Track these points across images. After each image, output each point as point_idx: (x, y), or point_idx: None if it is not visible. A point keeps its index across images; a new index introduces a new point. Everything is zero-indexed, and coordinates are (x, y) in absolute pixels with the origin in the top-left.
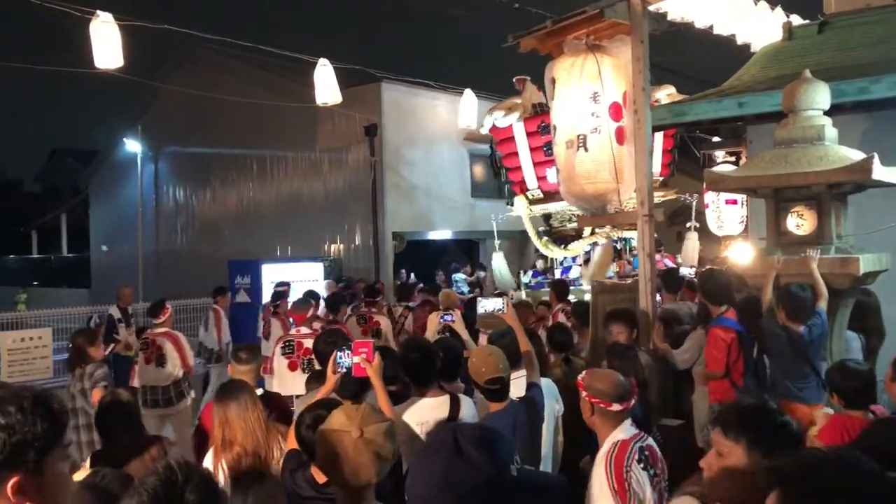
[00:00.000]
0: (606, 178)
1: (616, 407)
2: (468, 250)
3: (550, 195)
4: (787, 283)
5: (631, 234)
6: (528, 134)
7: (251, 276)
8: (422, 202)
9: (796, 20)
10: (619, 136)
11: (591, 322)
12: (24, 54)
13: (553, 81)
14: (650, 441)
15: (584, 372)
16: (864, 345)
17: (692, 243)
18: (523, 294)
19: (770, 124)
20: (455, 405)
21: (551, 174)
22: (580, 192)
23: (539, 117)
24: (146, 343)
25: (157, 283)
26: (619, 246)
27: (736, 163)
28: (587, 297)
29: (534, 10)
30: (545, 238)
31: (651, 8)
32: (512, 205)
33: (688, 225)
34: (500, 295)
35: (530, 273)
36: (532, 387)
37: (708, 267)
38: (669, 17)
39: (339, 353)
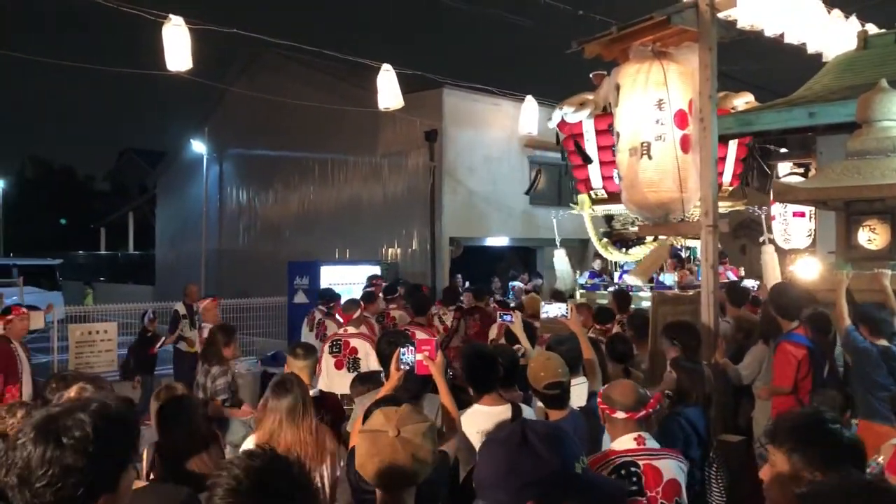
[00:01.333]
0: (670, 186)
1: (619, 415)
2: (525, 258)
3: (615, 196)
4: (861, 302)
5: (696, 243)
6: (598, 132)
7: (310, 278)
8: (480, 208)
9: (872, 29)
10: (685, 145)
11: (650, 333)
12: (96, 56)
13: (618, 88)
14: (661, 462)
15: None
16: None
17: (770, 257)
18: (578, 295)
19: (841, 135)
20: (517, 413)
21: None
22: (643, 201)
23: (611, 116)
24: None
25: (219, 281)
26: (683, 254)
27: (804, 175)
28: (644, 304)
29: (598, 16)
30: (605, 240)
31: (720, 15)
32: (576, 203)
33: (761, 239)
34: (559, 295)
35: (587, 274)
36: (594, 396)
37: (779, 281)
38: (739, 25)
39: (402, 350)
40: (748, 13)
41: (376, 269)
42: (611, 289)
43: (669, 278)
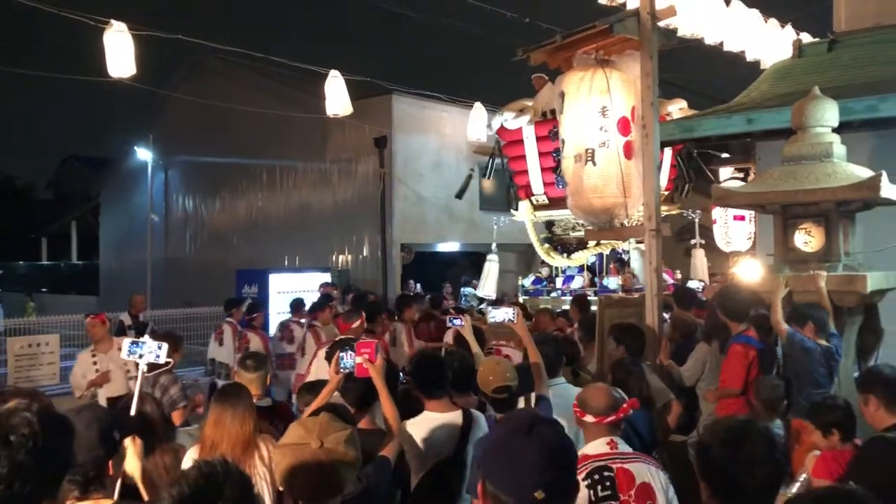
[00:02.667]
0: (614, 192)
1: (589, 419)
2: (477, 263)
3: (556, 202)
4: (800, 301)
5: (638, 246)
6: (539, 138)
7: (259, 286)
8: (430, 214)
9: (806, 38)
10: (627, 151)
11: (597, 336)
12: (37, 62)
13: (562, 95)
14: (634, 465)
15: (586, 386)
16: (859, 344)
17: (700, 260)
18: (521, 300)
19: (779, 141)
20: (468, 420)
21: (561, 181)
22: (588, 206)
23: (551, 122)
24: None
25: (166, 291)
26: (624, 258)
27: (745, 179)
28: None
29: (543, 24)
30: (547, 245)
31: (661, 24)
32: (516, 209)
33: (693, 242)
34: (497, 302)
35: (530, 278)
36: (541, 399)
37: (727, 283)
38: (679, 33)
39: (341, 354)
40: (688, 22)
41: (326, 277)
42: (554, 294)
43: (613, 282)
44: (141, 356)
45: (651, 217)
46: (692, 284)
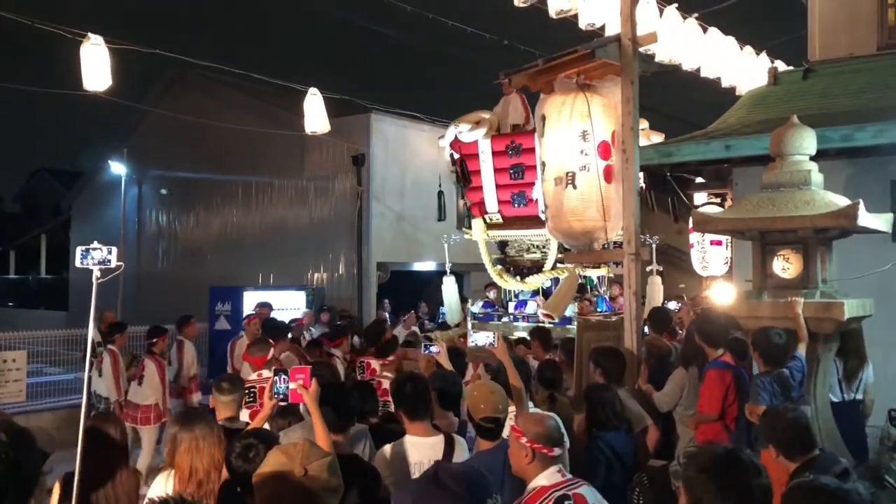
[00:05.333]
0: (594, 215)
1: (556, 451)
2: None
3: (510, 221)
4: (766, 328)
5: (595, 272)
6: (494, 153)
7: (233, 303)
8: (407, 233)
9: (781, 66)
10: (608, 175)
11: (575, 359)
12: (9, 74)
13: (543, 118)
14: (582, 489)
15: (517, 417)
16: (843, 368)
17: (656, 287)
18: (469, 325)
19: (756, 167)
20: (450, 446)
21: (517, 199)
22: (567, 229)
23: (510, 136)
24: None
25: (138, 307)
26: (581, 282)
27: (721, 204)
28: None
29: (523, 47)
30: (499, 267)
31: (641, 49)
32: (469, 227)
33: (648, 269)
34: (445, 326)
35: (480, 304)
36: None
37: (703, 308)
38: (658, 59)
39: (275, 379)
40: (667, 48)
41: (301, 295)
42: (505, 319)
43: (569, 309)
44: (94, 262)
45: (630, 241)
46: (670, 305)
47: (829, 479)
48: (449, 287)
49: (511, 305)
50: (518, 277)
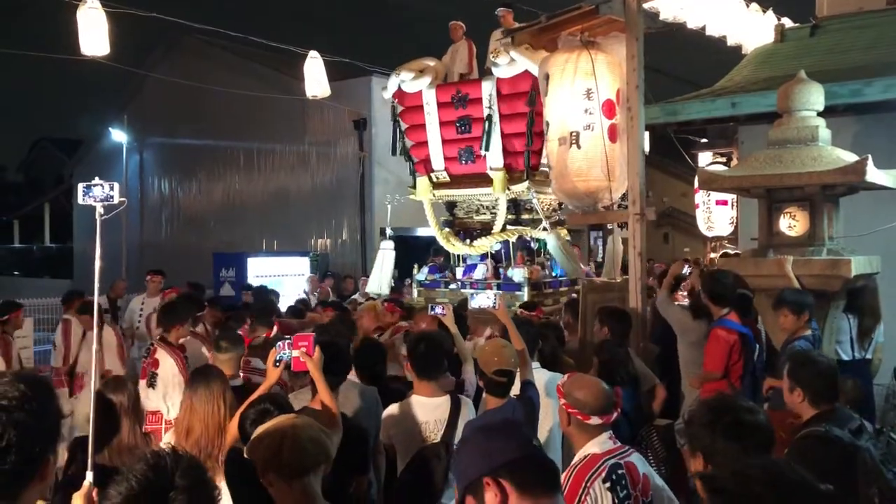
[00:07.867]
0: (599, 175)
1: (595, 420)
2: None
3: (458, 179)
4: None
5: (544, 235)
6: (440, 104)
7: (237, 270)
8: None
9: (788, 23)
10: (612, 134)
11: (580, 320)
12: (6, 40)
13: (547, 77)
14: (632, 458)
15: (566, 376)
16: (857, 325)
17: (617, 246)
18: (415, 293)
19: (762, 125)
20: (456, 406)
21: (464, 155)
22: (572, 190)
23: (455, 85)
24: None
25: (141, 274)
26: (533, 247)
27: (726, 164)
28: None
29: (525, 7)
30: (447, 230)
31: (645, 6)
32: (414, 188)
33: (609, 227)
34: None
35: (426, 269)
36: (526, 384)
37: (714, 268)
38: (662, 17)
39: (278, 345)
40: (671, 5)
41: (305, 260)
42: (453, 286)
43: (518, 273)
44: (96, 198)
45: (636, 201)
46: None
47: (843, 433)
48: (385, 253)
49: (459, 271)
50: (468, 241)
